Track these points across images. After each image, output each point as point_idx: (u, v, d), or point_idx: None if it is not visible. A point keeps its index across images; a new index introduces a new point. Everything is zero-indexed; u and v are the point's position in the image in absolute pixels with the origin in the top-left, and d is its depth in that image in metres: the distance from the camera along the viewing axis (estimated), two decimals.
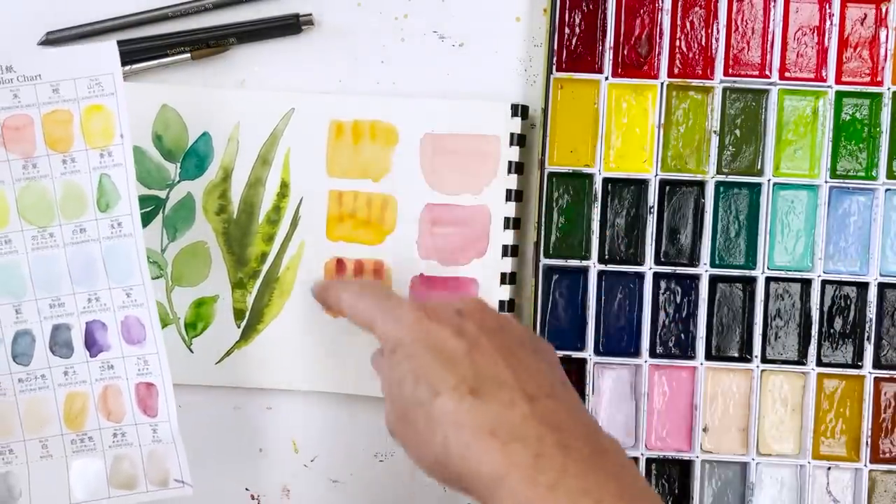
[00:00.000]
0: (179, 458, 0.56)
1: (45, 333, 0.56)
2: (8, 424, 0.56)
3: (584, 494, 0.42)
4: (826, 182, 0.60)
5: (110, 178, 0.55)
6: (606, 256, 0.61)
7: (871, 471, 0.60)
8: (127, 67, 0.60)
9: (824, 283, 0.60)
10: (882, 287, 0.60)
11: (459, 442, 0.45)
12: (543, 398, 0.46)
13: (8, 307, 0.55)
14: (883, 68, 0.60)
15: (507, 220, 0.60)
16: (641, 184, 0.60)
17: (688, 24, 0.60)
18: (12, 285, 0.55)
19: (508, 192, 0.59)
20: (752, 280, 0.60)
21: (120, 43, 0.60)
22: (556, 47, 0.60)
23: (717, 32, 0.60)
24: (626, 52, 0.60)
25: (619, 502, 0.42)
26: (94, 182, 0.55)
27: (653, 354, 0.60)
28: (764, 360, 0.60)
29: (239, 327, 0.61)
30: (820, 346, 0.60)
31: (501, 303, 0.60)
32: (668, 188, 0.61)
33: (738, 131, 0.60)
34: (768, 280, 0.60)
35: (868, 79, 0.60)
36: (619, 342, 0.61)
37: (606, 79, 0.60)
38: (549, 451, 0.43)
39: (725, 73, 0.60)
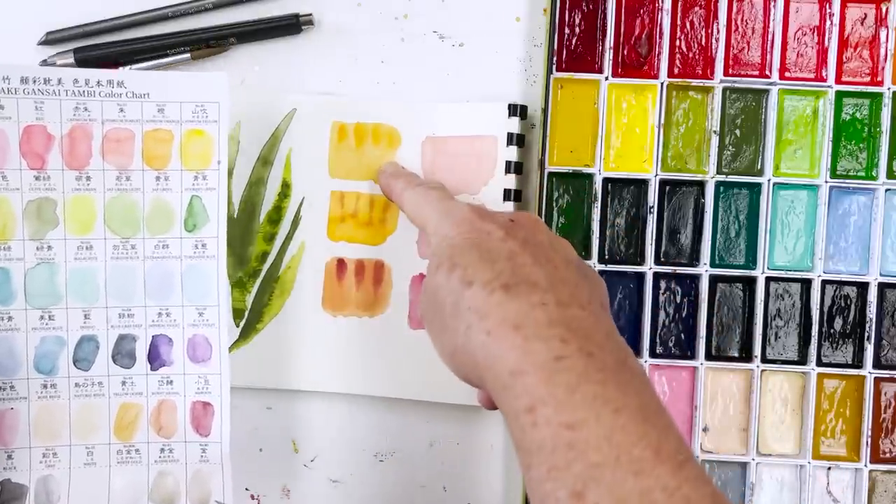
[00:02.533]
0: (224, 480, 0.57)
1: (109, 341, 0.57)
2: (56, 428, 0.56)
3: (605, 402, 0.41)
4: (826, 182, 0.60)
5: (201, 200, 0.56)
6: (606, 256, 0.61)
7: (871, 471, 0.60)
8: (127, 67, 0.60)
9: (824, 283, 0.60)
10: (882, 287, 0.60)
11: (482, 330, 0.44)
12: (575, 307, 0.45)
13: (78, 311, 0.56)
14: (883, 68, 0.60)
15: None
16: (641, 184, 0.60)
17: (688, 24, 0.60)
18: (86, 290, 0.56)
19: (506, 191, 0.59)
20: (753, 280, 0.60)
21: (120, 43, 0.61)
22: (556, 47, 0.60)
23: (717, 32, 0.60)
24: (626, 52, 0.60)
25: (638, 415, 0.41)
26: (185, 202, 0.56)
27: (653, 354, 0.60)
28: (764, 360, 0.60)
29: (238, 327, 0.61)
30: (820, 346, 0.60)
31: None
32: (668, 188, 0.61)
33: (738, 131, 0.60)
34: (768, 280, 0.60)
35: (868, 79, 0.60)
36: None
37: (606, 79, 0.60)
38: (572, 355, 0.42)
39: (725, 73, 0.60)
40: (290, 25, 0.61)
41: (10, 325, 0.56)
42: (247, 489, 0.62)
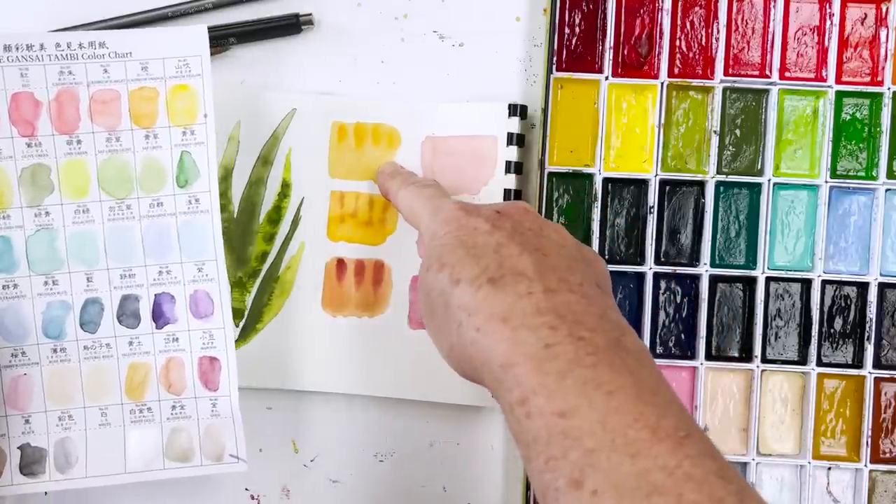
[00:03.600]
0: (237, 434, 0.57)
1: (113, 303, 0.57)
2: (70, 391, 0.57)
3: (597, 386, 0.40)
4: (826, 182, 0.60)
5: (191, 155, 0.57)
6: (606, 256, 0.61)
7: (871, 471, 0.60)
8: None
9: (824, 283, 0.60)
10: (882, 287, 0.60)
11: (472, 327, 0.44)
12: (564, 292, 0.44)
13: (80, 275, 0.57)
14: (883, 68, 0.60)
15: None
16: (641, 184, 0.60)
17: (688, 24, 0.60)
18: (86, 254, 0.57)
19: (506, 191, 0.59)
20: (753, 280, 0.60)
21: None
22: (556, 47, 0.60)
23: (717, 32, 0.60)
24: (626, 52, 0.60)
25: (632, 395, 0.40)
26: (175, 158, 0.57)
27: (653, 354, 0.60)
28: (764, 360, 0.60)
29: (238, 327, 0.61)
30: (820, 346, 0.60)
31: None
32: (668, 188, 0.61)
33: (738, 131, 0.60)
34: (768, 280, 0.60)
35: (868, 79, 0.60)
36: None
37: (606, 79, 0.60)
38: (561, 342, 0.42)
39: (725, 73, 0.60)
40: (290, 25, 0.61)
41: (15, 292, 0.56)
42: (247, 489, 0.62)
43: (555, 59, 0.60)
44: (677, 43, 0.60)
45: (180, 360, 0.57)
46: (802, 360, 0.60)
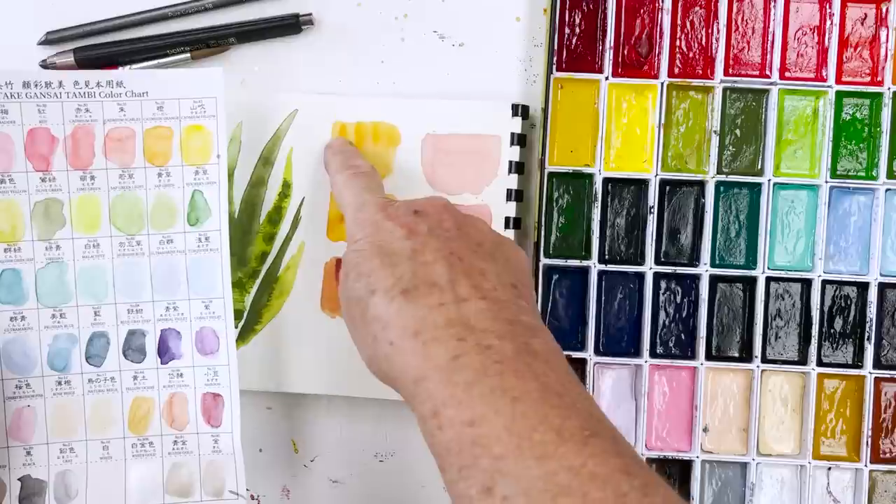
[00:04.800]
0: (237, 470, 0.57)
1: (119, 337, 0.57)
2: (73, 423, 0.57)
3: (502, 393, 0.41)
4: (826, 182, 0.60)
5: (203, 194, 0.57)
6: (606, 256, 0.61)
7: (871, 471, 0.60)
8: (127, 67, 0.60)
9: (824, 283, 0.60)
10: (882, 287, 0.60)
11: (385, 340, 0.44)
12: (476, 300, 0.45)
13: (88, 309, 0.57)
14: (883, 68, 0.60)
15: (507, 219, 0.59)
16: (641, 184, 0.60)
17: (688, 24, 0.60)
18: (95, 288, 0.57)
19: (509, 191, 0.59)
20: (753, 280, 0.60)
21: (120, 43, 0.61)
22: (556, 47, 0.60)
23: (718, 32, 0.60)
24: (626, 52, 0.60)
25: (538, 400, 0.41)
26: (187, 197, 0.57)
27: (653, 354, 0.60)
28: (764, 360, 0.60)
29: (237, 327, 0.61)
30: (820, 346, 0.60)
31: None
32: (668, 188, 0.61)
33: (738, 131, 0.60)
34: (768, 280, 0.60)
35: (868, 79, 0.60)
36: (620, 342, 0.61)
37: (606, 79, 0.60)
38: (468, 352, 0.42)
39: (725, 73, 0.60)
40: (290, 25, 0.61)
41: (23, 324, 0.56)
42: (247, 489, 0.62)
43: (555, 59, 0.60)
44: (677, 43, 0.60)
45: (184, 395, 0.58)
46: (802, 360, 0.60)
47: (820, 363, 0.60)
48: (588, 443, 0.39)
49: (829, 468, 0.60)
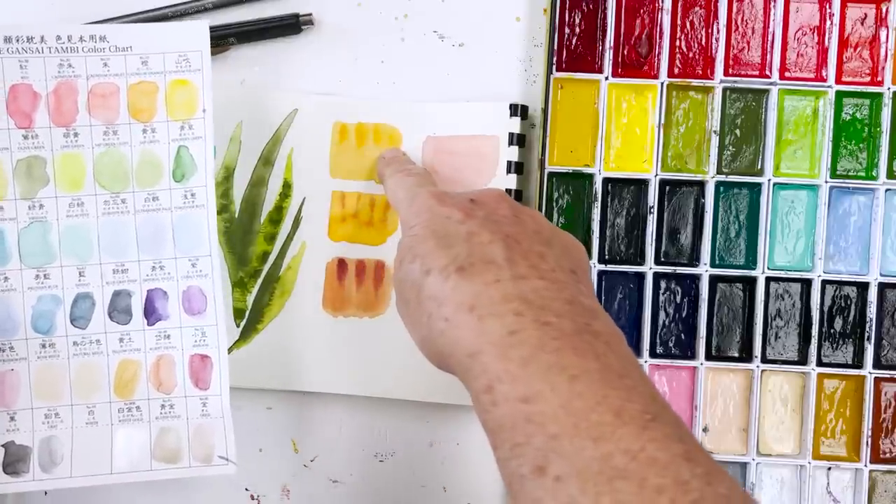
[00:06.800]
0: (226, 434, 0.56)
1: (105, 298, 0.56)
2: (58, 388, 0.56)
3: (560, 370, 0.40)
4: (826, 182, 0.60)
5: (188, 149, 0.56)
6: (606, 256, 0.61)
7: (871, 471, 0.60)
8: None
9: (824, 283, 0.60)
10: (882, 287, 0.60)
11: (440, 317, 0.44)
12: (534, 279, 0.44)
13: (72, 269, 0.56)
14: (883, 68, 0.60)
15: None
16: (641, 184, 0.60)
17: (688, 24, 0.60)
18: (79, 248, 0.56)
19: (507, 191, 0.59)
20: (753, 280, 0.60)
21: None
22: (556, 47, 0.60)
23: (718, 32, 0.60)
24: (626, 52, 0.60)
25: (597, 380, 0.40)
26: (172, 153, 0.56)
27: (653, 354, 0.60)
28: (764, 360, 0.60)
29: (238, 327, 0.61)
30: (820, 346, 0.60)
31: None
32: (668, 188, 0.61)
33: (738, 131, 0.60)
34: (768, 280, 0.60)
35: (868, 79, 0.60)
36: None
37: (606, 79, 0.60)
38: (526, 328, 0.41)
39: (725, 73, 0.60)
40: (290, 25, 0.61)
41: (6, 285, 0.56)
42: (247, 489, 0.62)
43: (555, 59, 0.60)
44: (677, 43, 0.60)
45: (171, 357, 0.57)
46: (802, 360, 0.60)
47: (820, 363, 0.60)
48: (648, 427, 0.38)
49: (829, 468, 0.60)
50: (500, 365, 0.41)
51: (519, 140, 0.59)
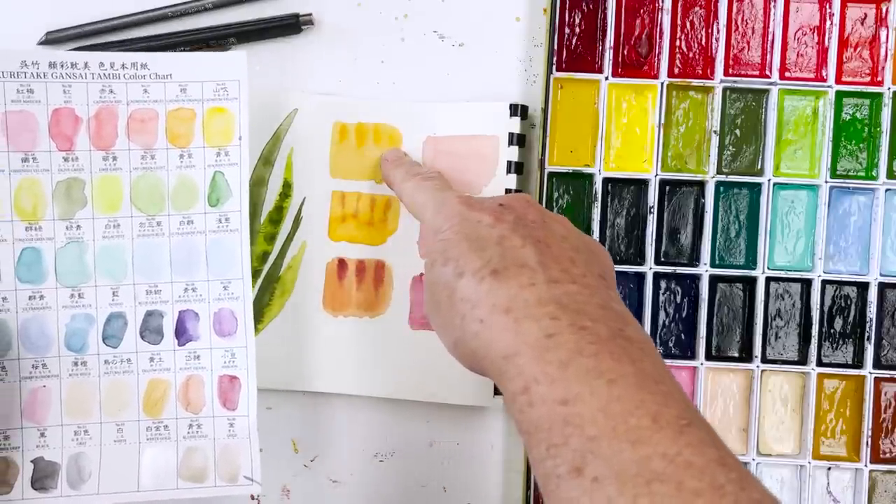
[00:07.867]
0: (252, 455, 0.57)
1: (137, 318, 0.57)
2: (88, 405, 0.57)
3: (598, 374, 0.40)
4: (826, 182, 0.60)
5: (224, 175, 0.57)
6: None
7: (871, 471, 0.60)
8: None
9: (824, 283, 0.60)
10: (882, 287, 0.60)
11: (474, 318, 0.44)
12: (567, 283, 0.44)
13: (106, 289, 0.57)
14: (883, 68, 0.60)
15: None
16: (641, 184, 0.61)
17: (688, 24, 0.60)
18: (114, 268, 0.57)
19: (507, 191, 0.59)
20: (753, 280, 0.60)
21: (120, 43, 0.61)
22: (556, 47, 0.60)
23: (717, 32, 0.60)
24: (626, 52, 0.60)
25: (634, 384, 0.40)
26: (208, 178, 0.57)
27: None
28: (764, 360, 0.60)
29: None
30: (820, 346, 0.60)
31: None
32: (668, 188, 0.61)
33: (738, 131, 0.60)
34: (768, 280, 0.60)
35: (868, 79, 0.60)
36: None
37: (606, 79, 0.60)
38: (563, 331, 0.42)
39: (725, 73, 0.60)
40: (290, 25, 0.61)
41: (41, 303, 0.56)
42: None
43: (555, 59, 0.60)
44: (677, 43, 0.60)
45: (200, 378, 0.57)
46: (802, 360, 0.60)
47: (820, 363, 0.60)
48: (684, 432, 0.39)
49: (829, 468, 0.60)
50: (538, 367, 0.41)
51: (519, 140, 0.59)
